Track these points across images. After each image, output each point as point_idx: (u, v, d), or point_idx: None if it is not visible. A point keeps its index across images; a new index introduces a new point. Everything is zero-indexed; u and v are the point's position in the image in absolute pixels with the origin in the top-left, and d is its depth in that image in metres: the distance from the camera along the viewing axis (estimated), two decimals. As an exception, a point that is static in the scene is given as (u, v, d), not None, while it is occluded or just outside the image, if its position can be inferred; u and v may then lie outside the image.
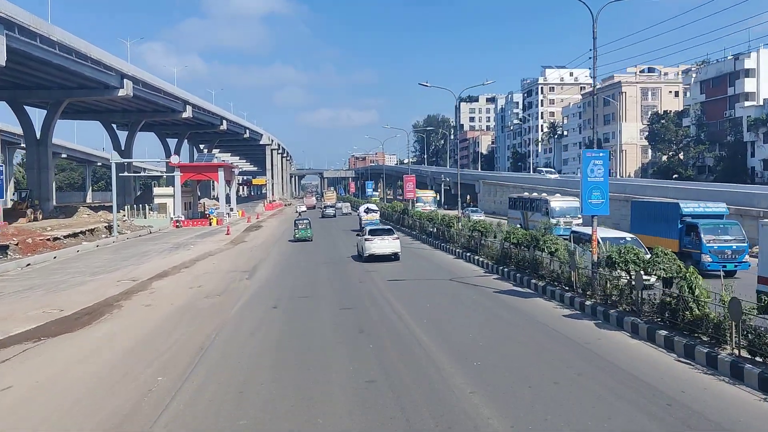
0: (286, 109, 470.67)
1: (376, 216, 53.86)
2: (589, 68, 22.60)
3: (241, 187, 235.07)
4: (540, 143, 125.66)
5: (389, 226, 39.93)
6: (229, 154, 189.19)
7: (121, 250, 41.00)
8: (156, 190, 76.92)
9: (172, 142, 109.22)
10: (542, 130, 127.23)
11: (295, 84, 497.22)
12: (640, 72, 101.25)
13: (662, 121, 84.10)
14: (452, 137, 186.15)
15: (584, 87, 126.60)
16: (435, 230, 37.06)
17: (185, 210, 76.88)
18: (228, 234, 51.53)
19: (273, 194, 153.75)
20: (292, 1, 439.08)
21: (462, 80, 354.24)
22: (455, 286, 22.44)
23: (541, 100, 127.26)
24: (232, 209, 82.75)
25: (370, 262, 30.81)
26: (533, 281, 20.51)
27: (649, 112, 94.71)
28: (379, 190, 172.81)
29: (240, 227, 62.09)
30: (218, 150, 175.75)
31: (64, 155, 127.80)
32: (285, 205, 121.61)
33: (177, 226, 64.47)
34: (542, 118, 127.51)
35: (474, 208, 56.03)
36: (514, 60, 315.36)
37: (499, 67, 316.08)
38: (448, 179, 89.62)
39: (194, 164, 74.73)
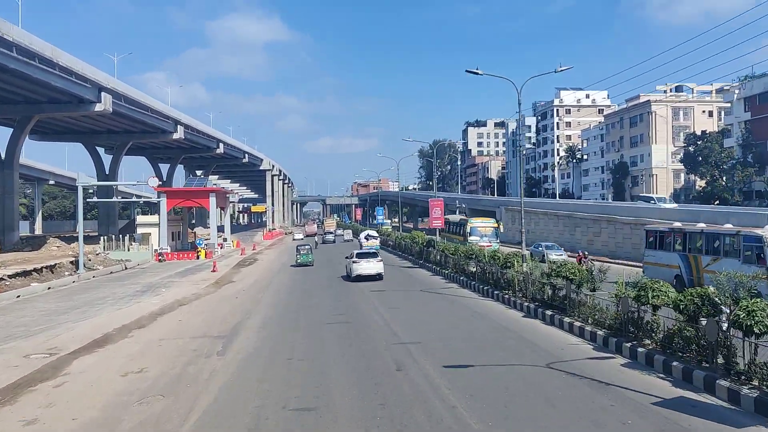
0: (288, 136, 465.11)
1: (376, 242, 56.19)
2: (607, 89, 13.77)
3: (240, 214, 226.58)
4: (556, 168, 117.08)
5: (374, 251, 41.26)
6: (229, 180, 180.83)
7: (75, 294, 31.99)
8: (139, 219, 68.09)
9: (165, 168, 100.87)
10: (558, 155, 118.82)
11: (297, 112, 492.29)
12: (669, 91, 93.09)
13: (700, 142, 75.54)
14: (458, 162, 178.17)
15: (602, 109, 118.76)
16: (479, 271, 27.95)
17: (172, 240, 67.98)
18: (214, 271, 42.54)
19: (273, 222, 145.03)
20: (294, 30, 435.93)
21: (466, 106, 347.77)
22: (573, 385, 12.83)
23: (557, 123, 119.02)
24: (225, 239, 73.84)
25: (357, 281, 33.09)
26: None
27: (681, 134, 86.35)
28: (388, 218, 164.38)
29: (232, 261, 53.13)
30: (217, 176, 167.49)
31: (51, 181, 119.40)
32: (286, 234, 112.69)
33: (159, 260, 55.54)
34: (558, 141, 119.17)
35: (549, 244, 43.21)
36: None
37: (506, 91, 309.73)
38: (463, 205, 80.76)
39: (181, 189, 66.02)
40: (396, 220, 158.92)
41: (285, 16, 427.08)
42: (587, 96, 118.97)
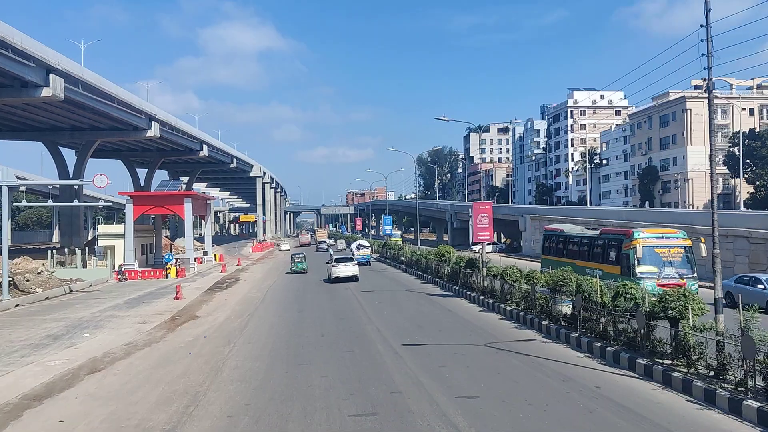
0: (282, 146, 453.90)
1: (367, 252, 55.46)
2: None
3: (231, 224, 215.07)
4: (571, 174, 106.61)
5: (350, 255, 45.75)
6: (218, 188, 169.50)
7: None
8: (101, 228, 56.84)
9: (143, 173, 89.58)
10: (572, 159, 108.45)
11: (291, 122, 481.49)
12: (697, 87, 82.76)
13: (749, 141, 65.25)
14: (459, 170, 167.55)
15: (619, 110, 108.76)
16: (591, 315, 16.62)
17: (143, 254, 56.81)
18: (177, 298, 31.44)
19: (264, 233, 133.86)
20: (288, 39, 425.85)
21: (465, 113, 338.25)
22: None
23: (571, 126, 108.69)
24: (205, 252, 62.68)
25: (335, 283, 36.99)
26: None
27: (719, 133, 76.12)
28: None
29: (207, 281, 42.02)
30: (206, 184, 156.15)
31: (21, 188, 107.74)
32: (277, 245, 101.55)
33: (120, 280, 44.39)
34: (572, 145, 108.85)
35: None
36: (522, 88, 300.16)
37: (510, 94, 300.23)
38: (478, 214, 69.81)
39: (151, 193, 54.94)
40: (401, 230, 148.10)
41: (279, 24, 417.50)
42: (602, 97, 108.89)
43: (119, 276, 44.70)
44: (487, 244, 71.83)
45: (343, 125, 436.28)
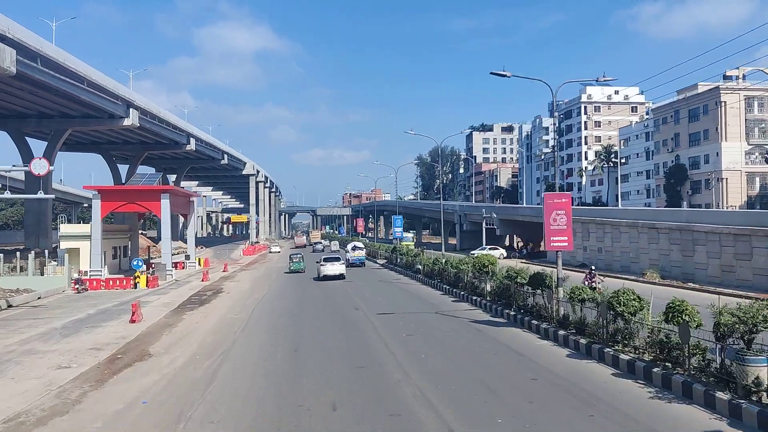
0: (278, 148, 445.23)
1: (362, 253, 54.59)
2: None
3: (224, 226, 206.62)
4: (584, 173, 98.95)
5: (338, 255, 46.73)
6: (210, 187, 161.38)
7: None
8: (63, 229, 48.60)
9: (125, 169, 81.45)
10: (586, 158, 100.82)
11: (287, 123, 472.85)
12: (725, 79, 75.28)
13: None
14: (461, 170, 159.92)
15: (635, 107, 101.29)
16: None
17: (114, 258, 48.81)
18: (134, 320, 23.46)
19: (258, 234, 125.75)
20: (284, 39, 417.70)
21: (465, 114, 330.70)
22: None
23: (584, 123, 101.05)
24: (187, 256, 54.67)
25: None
26: None
27: (756, 129, 68.79)
28: (384, 229, 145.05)
29: (180, 294, 34.05)
30: (197, 183, 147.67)
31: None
32: (271, 248, 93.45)
33: (78, 290, 36.34)
34: (586, 143, 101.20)
35: None
36: (522, 91, 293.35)
37: (511, 95, 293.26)
38: (495, 215, 61.99)
39: (121, 187, 46.93)
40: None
41: (275, 24, 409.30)
42: (616, 92, 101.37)
43: (77, 286, 36.64)
44: (498, 248, 64.24)
45: (339, 127, 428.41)
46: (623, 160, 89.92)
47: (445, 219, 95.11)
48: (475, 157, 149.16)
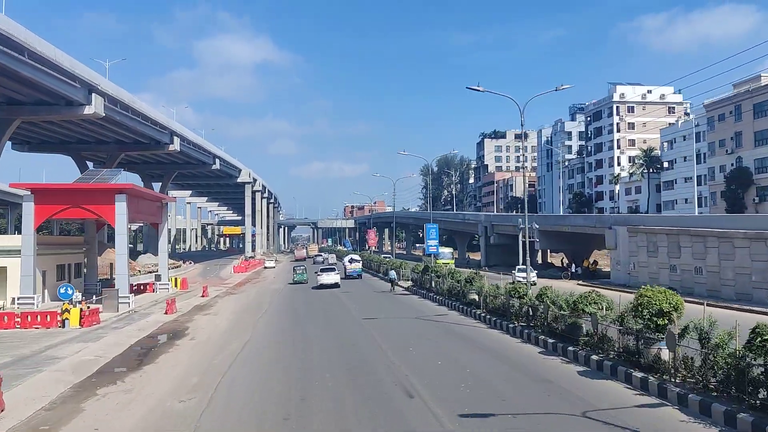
0: (277, 160, 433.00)
1: (359, 266, 55.41)
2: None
3: (221, 238, 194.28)
4: (618, 181, 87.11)
5: (332, 265, 55.51)
6: (205, 198, 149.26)
7: None
8: (-14, 241, 36.54)
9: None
10: (619, 164, 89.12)
11: (286, 136, 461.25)
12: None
13: None
14: (471, 180, 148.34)
15: (673, 107, 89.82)
16: None
17: (59, 280, 36.78)
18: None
19: (254, 249, 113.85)
20: (285, 51, 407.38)
21: (470, 125, 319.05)
22: None
23: (616, 125, 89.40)
24: (159, 277, 42.64)
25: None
26: None
27: (840, 124, 57.22)
28: (391, 243, 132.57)
29: (117, 342, 21.75)
30: (190, 192, 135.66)
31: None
32: (265, 263, 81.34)
33: (-25, 331, 24.28)
34: (619, 147, 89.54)
35: None
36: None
37: (509, 111, 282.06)
38: (536, 226, 50.06)
39: (61, 186, 34.72)
40: (407, 245, 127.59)
41: (276, 36, 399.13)
42: (649, 91, 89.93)
43: (-24, 325, 24.60)
44: (544, 268, 52.26)
45: (339, 139, 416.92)
46: (665, 164, 78.28)
47: (465, 231, 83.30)
48: (487, 165, 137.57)
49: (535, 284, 32.96)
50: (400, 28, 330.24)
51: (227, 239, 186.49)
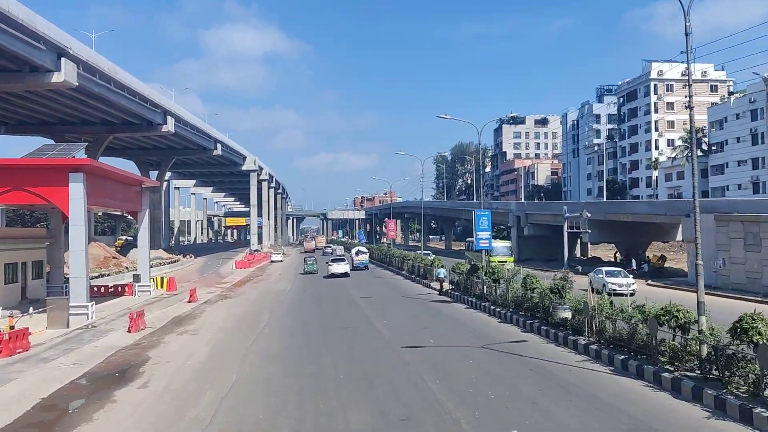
0: (285, 152, 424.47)
1: (365, 257, 54.47)
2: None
3: (227, 230, 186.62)
4: (656, 166, 78.47)
5: (342, 256, 54.11)
6: (210, 188, 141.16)
7: None
8: None
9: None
10: (657, 147, 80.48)
11: (295, 127, 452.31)
12: None
13: None
14: (488, 168, 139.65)
15: (715, 86, 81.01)
16: None
17: (12, 282, 28.88)
18: None
19: (261, 241, 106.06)
20: (293, 41, 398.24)
21: (486, 110, 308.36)
22: None
23: (655, 104, 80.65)
24: (137, 277, 34.63)
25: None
26: None
27: None
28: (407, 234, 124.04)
29: (20, 396, 13.72)
30: (194, 182, 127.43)
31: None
32: (272, 257, 73.42)
33: None
34: (657, 130, 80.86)
35: None
36: (535, 91, 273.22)
37: (520, 97, 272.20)
38: (587, 214, 41.64)
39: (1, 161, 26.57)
40: (421, 237, 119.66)
41: (284, 25, 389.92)
42: (685, 70, 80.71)
43: None
44: (592, 263, 43.78)
45: (347, 131, 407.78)
46: (714, 148, 69.65)
47: (497, 222, 75.13)
48: (505, 153, 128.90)
49: (633, 294, 24.82)
50: (408, 17, 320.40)
51: (234, 231, 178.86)
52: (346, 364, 15.22)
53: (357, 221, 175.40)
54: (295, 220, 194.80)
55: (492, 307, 22.43)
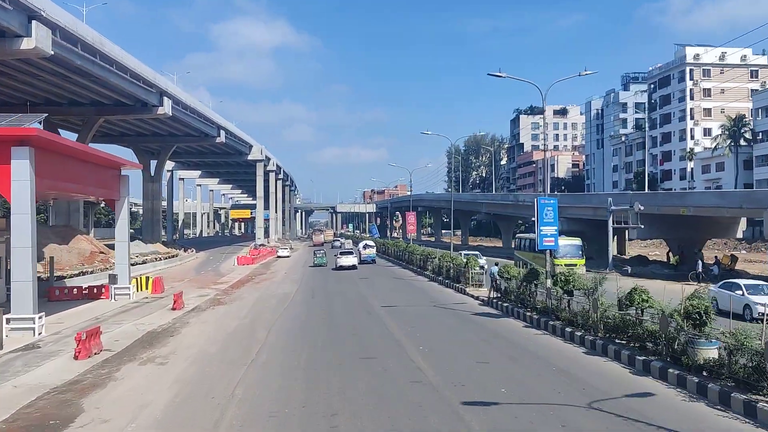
0: (294, 146, 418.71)
1: (373, 251, 54.84)
2: None
3: (235, 223, 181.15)
4: (692, 157, 72.16)
5: (351, 249, 54.05)
6: (217, 180, 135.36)
7: None
8: None
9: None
10: (692, 137, 74.12)
11: (304, 121, 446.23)
12: None
13: None
14: (504, 161, 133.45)
15: (756, 71, 74.53)
16: None
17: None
18: None
19: (269, 235, 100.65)
20: (303, 35, 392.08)
21: (499, 103, 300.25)
22: None
23: (690, 91, 74.19)
24: (113, 277, 28.81)
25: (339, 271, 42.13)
26: None
27: None
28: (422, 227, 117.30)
29: None
30: (200, 173, 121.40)
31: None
32: (278, 252, 67.76)
33: None
34: (692, 118, 74.45)
35: None
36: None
37: (533, 91, 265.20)
38: (640, 207, 35.45)
39: None
40: (431, 231, 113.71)
41: (294, 19, 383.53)
42: (724, 54, 74.37)
43: None
44: (638, 262, 37.36)
45: (356, 125, 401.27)
46: (760, 136, 63.27)
47: (515, 215, 69.03)
48: (522, 144, 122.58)
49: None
50: (418, 11, 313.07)
51: (242, 224, 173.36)
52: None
53: (367, 215, 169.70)
54: (303, 213, 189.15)
55: (567, 329, 16.39)
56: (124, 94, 48.11)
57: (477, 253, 40.57)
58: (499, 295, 22.92)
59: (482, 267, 28.42)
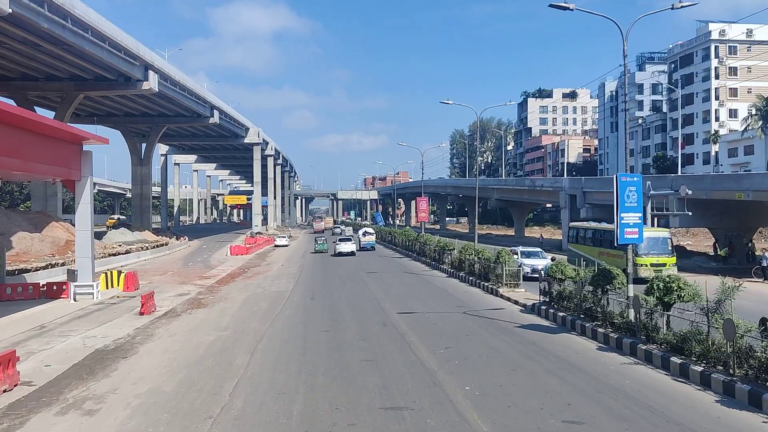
0: (295, 132, 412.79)
1: (372, 238, 55.20)
2: None
3: (233, 210, 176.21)
4: (716, 140, 67.11)
5: (350, 236, 57.34)
6: (214, 165, 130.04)
7: None
8: None
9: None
10: (717, 119, 69.03)
11: (304, 107, 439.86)
12: None
13: None
14: (510, 146, 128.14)
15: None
16: None
17: None
18: None
19: (267, 222, 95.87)
20: (303, 19, 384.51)
21: (505, 88, 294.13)
22: None
23: (715, 69, 68.93)
24: (73, 273, 23.89)
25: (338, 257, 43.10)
26: None
27: None
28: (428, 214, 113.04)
29: None
30: (195, 158, 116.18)
31: None
32: (276, 240, 62.96)
33: None
34: (718, 99, 69.27)
35: None
36: (551, 71, 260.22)
37: (538, 74, 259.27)
38: (688, 191, 30.56)
39: None
40: (437, 218, 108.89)
41: (294, 2, 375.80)
42: (749, 31, 68.90)
43: None
44: (679, 254, 32.36)
45: (357, 111, 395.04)
46: (794, 117, 58.16)
47: (530, 201, 63.97)
48: (530, 129, 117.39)
49: None
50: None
51: (240, 211, 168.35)
52: None
53: (368, 201, 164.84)
54: (303, 200, 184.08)
55: (673, 359, 11.40)
56: (105, 67, 43.22)
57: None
58: (546, 299, 17.99)
59: (518, 264, 23.51)
